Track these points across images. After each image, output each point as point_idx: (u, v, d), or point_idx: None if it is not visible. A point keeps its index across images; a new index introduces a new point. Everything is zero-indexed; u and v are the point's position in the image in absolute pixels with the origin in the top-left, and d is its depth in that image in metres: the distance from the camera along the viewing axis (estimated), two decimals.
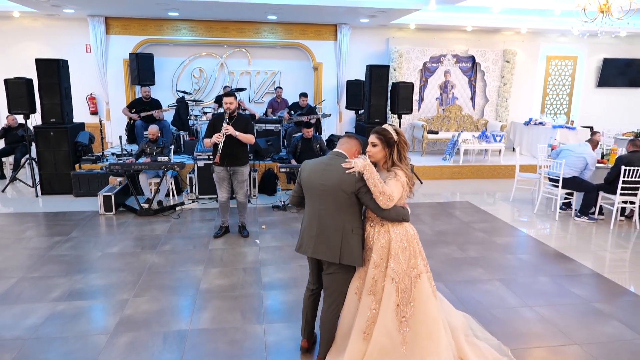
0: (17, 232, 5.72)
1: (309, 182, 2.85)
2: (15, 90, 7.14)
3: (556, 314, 3.89)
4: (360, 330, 2.78)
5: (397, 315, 2.73)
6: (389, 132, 2.77)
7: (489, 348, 3.15)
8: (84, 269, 4.64)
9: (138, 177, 6.76)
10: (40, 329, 3.51)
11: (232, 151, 5.22)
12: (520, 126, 11.05)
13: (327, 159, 2.85)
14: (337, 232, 2.77)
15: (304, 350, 3.22)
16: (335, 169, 2.76)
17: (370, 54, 10.63)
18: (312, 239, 2.83)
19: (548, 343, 3.45)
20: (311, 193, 2.86)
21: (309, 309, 3.12)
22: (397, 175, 2.73)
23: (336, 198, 2.75)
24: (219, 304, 3.96)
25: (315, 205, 2.84)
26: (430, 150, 10.64)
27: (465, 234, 5.94)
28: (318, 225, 2.82)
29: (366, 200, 2.72)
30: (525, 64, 11.27)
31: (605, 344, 3.47)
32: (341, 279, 2.88)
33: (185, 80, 10.37)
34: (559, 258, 5.18)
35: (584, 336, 3.56)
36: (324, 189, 2.77)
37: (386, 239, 2.76)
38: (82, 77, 9.59)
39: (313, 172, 2.84)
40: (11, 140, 8.62)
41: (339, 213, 2.77)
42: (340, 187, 2.72)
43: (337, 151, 2.86)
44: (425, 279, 2.79)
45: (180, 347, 3.30)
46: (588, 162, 6.50)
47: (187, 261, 4.88)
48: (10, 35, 9.57)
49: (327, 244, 2.79)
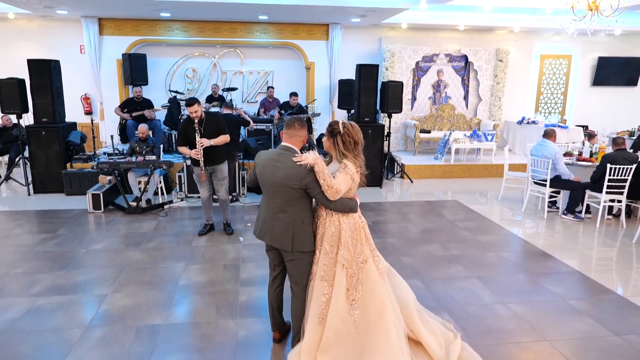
0: (6, 229, 5.79)
1: (262, 176, 2.97)
2: (7, 90, 7.24)
3: (530, 311, 3.92)
4: (316, 315, 2.89)
5: (348, 299, 2.86)
6: (335, 123, 2.95)
7: (438, 324, 3.33)
8: (67, 265, 4.70)
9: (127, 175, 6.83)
10: (18, 322, 3.57)
11: (212, 154, 5.30)
12: (513, 125, 11.04)
13: (277, 155, 2.93)
14: (288, 224, 2.90)
15: (277, 341, 3.30)
16: (283, 165, 2.85)
17: (362, 54, 10.66)
18: (268, 227, 2.97)
19: (517, 339, 3.48)
20: (264, 187, 3.00)
21: (274, 301, 3.22)
22: (346, 167, 2.88)
23: (286, 193, 2.86)
24: (195, 300, 4.02)
25: (269, 197, 2.97)
26: (424, 149, 10.66)
27: (450, 232, 5.97)
28: (272, 217, 2.95)
29: (315, 194, 2.84)
30: (519, 63, 11.26)
31: (575, 340, 3.49)
32: (304, 265, 3.00)
33: (179, 80, 10.45)
34: (541, 256, 5.20)
35: (554, 333, 3.58)
36: (273, 184, 2.89)
37: (336, 228, 2.90)
38: (76, 77, 9.68)
39: (265, 167, 2.94)
40: (6, 140, 8.72)
41: (289, 206, 2.89)
42: (287, 183, 2.82)
43: (286, 145, 2.95)
44: (372, 263, 2.93)
45: (152, 341, 3.36)
46: (551, 157, 6.45)
47: (169, 258, 4.94)
48: (5, 37, 9.67)
49: (281, 234, 2.92)
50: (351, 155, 2.91)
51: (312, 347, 2.87)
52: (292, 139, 2.94)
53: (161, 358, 3.16)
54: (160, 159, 6.89)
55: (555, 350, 3.34)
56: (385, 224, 6.25)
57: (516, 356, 3.27)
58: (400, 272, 4.55)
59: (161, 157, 7.10)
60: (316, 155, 2.81)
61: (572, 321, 3.77)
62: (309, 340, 2.88)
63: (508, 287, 4.37)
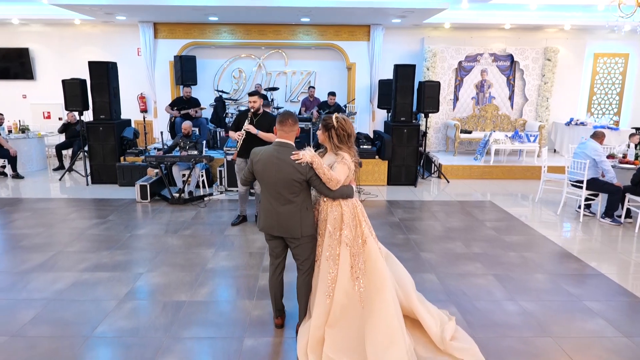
0: (65, 214, 6.47)
1: (264, 174, 3.13)
2: (71, 89, 8.01)
3: (540, 308, 3.93)
4: (324, 292, 3.13)
5: (352, 276, 3.10)
6: (329, 118, 3.18)
7: (435, 308, 3.53)
8: (112, 246, 5.23)
9: (172, 169, 7.37)
10: (64, 292, 4.08)
11: (252, 146, 5.63)
12: (561, 126, 10.69)
13: (276, 151, 3.10)
14: (295, 213, 3.13)
15: (280, 326, 3.54)
16: (286, 162, 3.04)
17: (404, 54, 10.73)
18: (274, 221, 3.17)
19: (520, 334, 3.53)
20: (266, 182, 3.15)
21: (277, 289, 3.44)
22: (343, 159, 3.12)
23: (291, 187, 3.07)
24: (219, 282, 4.38)
25: (272, 191, 3.14)
26: (464, 150, 10.56)
27: (476, 231, 5.98)
28: (277, 210, 3.14)
29: (316, 185, 3.06)
30: (569, 62, 10.87)
31: (581, 338, 3.49)
32: (310, 247, 3.25)
33: (226, 81, 11.01)
34: (566, 258, 5.12)
35: (560, 330, 3.60)
36: (277, 179, 3.07)
37: (339, 212, 3.14)
38: (133, 78, 10.48)
39: (267, 165, 3.10)
40: (70, 135, 9.61)
41: (295, 197, 3.10)
42: (292, 178, 3.03)
43: (282, 141, 3.14)
44: (372, 241, 3.17)
45: (175, 314, 3.73)
46: (592, 157, 6.27)
47: (201, 244, 5.35)
48: (72, 41, 10.65)
49: (288, 224, 3.14)
50: (345, 147, 3.15)
51: (321, 322, 3.13)
52: (287, 135, 3.15)
53: (180, 328, 3.52)
54: (202, 154, 7.37)
55: (557, 347, 3.37)
56: (412, 221, 6.35)
57: (515, 349, 3.33)
58: (416, 267, 4.74)
59: (203, 153, 7.58)
60: (312, 152, 3.03)
61: (582, 321, 3.75)
62: (317, 315, 3.12)
63: (523, 286, 4.38)
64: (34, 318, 3.63)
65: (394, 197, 7.71)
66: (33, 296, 4.00)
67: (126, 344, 3.32)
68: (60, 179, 8.58)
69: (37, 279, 4.35)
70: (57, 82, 9.16)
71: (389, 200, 7.47)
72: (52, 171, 9.39)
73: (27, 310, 3.75)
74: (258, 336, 3.43)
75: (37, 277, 4.39)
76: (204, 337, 3.43)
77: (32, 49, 10.68)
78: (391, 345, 2.91)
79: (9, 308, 3.80)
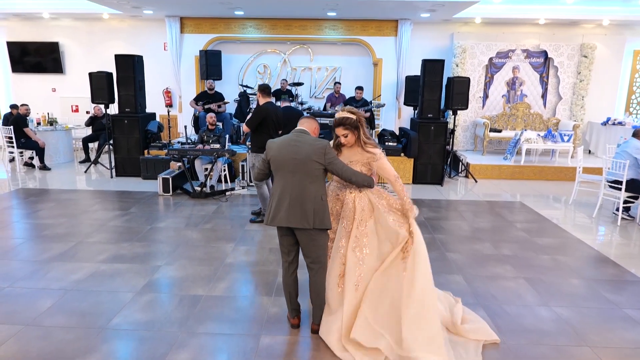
0: (88, 205, 6.49)
1: (279, 158, 3.05)
2: (97, 82, 8.07)
3: (576, 315, 3.68)
4: (352, 283, 3.11)
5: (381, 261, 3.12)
6: (348, 117, 3.08)
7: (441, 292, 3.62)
8: (132, 238, 5.19)
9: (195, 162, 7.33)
10: (82, 283, 4.03)
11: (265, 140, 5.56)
12: (597, 126, 10.22)
13: (295, 137, 3.08)
14: (309, 201, 3.01)
15: (297, 326, 3.37)
16: (304, 144, 3.01)
17: (433, 50, 10.45)
18: (286, 209, 3.03)
19: (555, 342, 3.30)
20: (282, 168, 3.05)
21: (291, 287, 3.30)
22: (380, 154, 3.11)
23: (308, 169, 2.98)
24: (237, 277, 4.27)
25: (288, 178, 3.04)
26: (493, 149, 10.22)
27: (505, 232, 5.72)
28: (291, 196, 3.02)
29: (335, 169, 3.03)
30: (607, 59, 10.38)
31: (622, 349, 3.24)
32: (323, 242, 3.16)
33: (251, 76, 10.95)
34: (604, 263, 4.82)
35: (599, 339, 3.34)
36: (296, 162, 3.00)
37: (366, 202, 3.15)
38: (159, 72, 10.54)
39: (282, 148, 3.05)
40: (97, 128, 9.72)
41: (310, 183, 3.01)
42: (311, 158, 2.98)
43: (301, 129, 3.12)
44: None
45: (192, 309, 3.63)
46: (634, 156, 5.91)
47: (221, 238, 5.26)
48: (100, 35, 10.78)
49: (300, 213, 3.01)
50: (369, 142, 3.13)
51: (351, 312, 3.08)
52: (305, 125, 3.16)
53: (196, 323, 3.41)
54: (225, 148, 7.30)
55: (596, 357, 3.12)
56: (438, 221, 6.13)
57: (549, 358, 3.11)
58: (442, 267, 4.53)
59: (226, 147, 7.51)
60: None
61: (623, 329, 3.48)
62: (348, 306, 3.07)
63: (557, 291, 4.12)
64: (50, 307, 3.59)
65: (419, 195, 7.49)
66: (51, 286, 3.96)
67: (141, 337, 3.23)
68: (86, 171, 8.67)
69: (57, 268, 4.33)
70: (85, 76, 9.24)
71: (414, 199, 7.24)
72: (79, 163, 9.51)
73: (44, 299, 3.72)
74: (275, 334, 3.30)
75: (56, 266, 4.37)
76: (219, 333, 3.32)
77: (62, 44, 10.85)
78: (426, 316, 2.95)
79: (27, 297, 3.77)
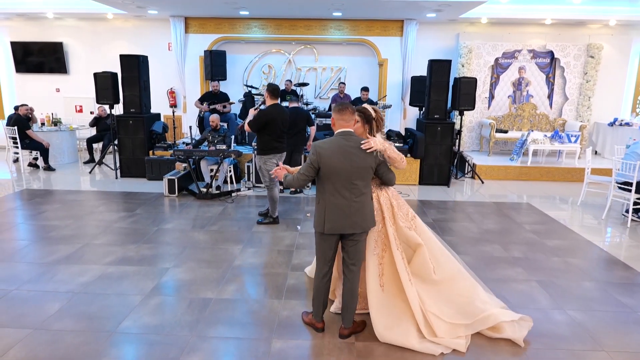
0: (93, 206, 6.45)
1: (333, 165, 2.98)
2: (102, 82, 8.04)
3: (590, 319, 3.63)
4: (407, 280, 3.22)
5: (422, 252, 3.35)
6: (367, 110, 3.17)
7: None
8: (139, 240, 5.15)
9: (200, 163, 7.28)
10: (89, 286, 3.99)
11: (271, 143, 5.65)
12: (603, 127, 10.16)
13: (345, 140, 3.02)
14: (367, 205, 3.11)
15: (322, 330, 3.32)
16: (357, 150, 3.02)
17: (438, 50, 10.40)
18: (347, 216, 3.02)
19: (570, 346, 3.25)
20: (338, 174, 2.99)
21: (324, 293, 3.25)
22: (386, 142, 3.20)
23: (364, 174, 3.06)
24: (246, 279, 4.22)
25: (346, 185, 3.01)
26: (499, 150, 10.16)
27: (515, 234, 5.67)
28: (350, 203, 3.02)
29: (383, 172, 3.18)
30: (614, 59, 10.31)
31: (638, 354, 3.18)
32: (363, 246, 3.21)
33: (255, 76, 10.90)
34: (615, 265, 4.77)
35: (615, 344, 3.29)
36: (355, 170, 3.01)
37: (387, 197, 3.33)
38: (163, 72, 10.49)
39: (341, 155, 2.99)
40: (101, 129, 9.68)
41: (365, 187, 3.10)
42: (368, 164, 3.05)
43: (345, 130, 3.07)
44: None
45: (201, 312, 3.59)
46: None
47: (229, 240, 5.21)
48: (104, 36, 10.74)
49: (361, 216, 3.06)
50: (379, 135, 3.22)
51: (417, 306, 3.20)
52: (348, 124, 3.07)
53: (206, 327, 3.37)
54: (231, 149, 7.25)
55: None
56: (446, 222, 6.07)
57: None
58: None
59: (232, 148, 7.47)
60: (381, 139, 3.11)
61: (639, 334, 3.43)
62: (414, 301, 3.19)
63: (570, 294, 4.07)
64: (59, 311, 3.55)
65: (426, 197, 7.43)
66: (59, 288, 3.92)
67: (151, 341, 3.19)
68: (90, 172, 8.63)
69: (64, 270, 4.29)
70: (89, 77, 9.24)
71: (421, 200, 7.19)
72: (83, 164, 9.48)
73: (52, 302, 3.68)
74: (287, 338, 3.25)
75: (63, 269, 4.33)
76: (230, 337, 3.27)
77: (66, 43, 10.81)
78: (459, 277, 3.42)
79: (34, 300, 3.73)
